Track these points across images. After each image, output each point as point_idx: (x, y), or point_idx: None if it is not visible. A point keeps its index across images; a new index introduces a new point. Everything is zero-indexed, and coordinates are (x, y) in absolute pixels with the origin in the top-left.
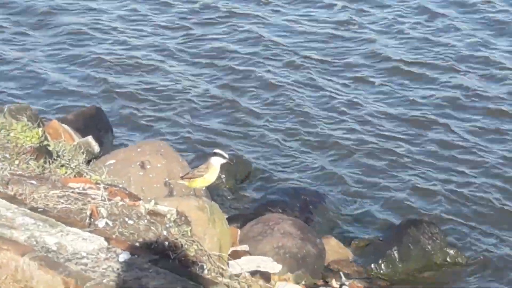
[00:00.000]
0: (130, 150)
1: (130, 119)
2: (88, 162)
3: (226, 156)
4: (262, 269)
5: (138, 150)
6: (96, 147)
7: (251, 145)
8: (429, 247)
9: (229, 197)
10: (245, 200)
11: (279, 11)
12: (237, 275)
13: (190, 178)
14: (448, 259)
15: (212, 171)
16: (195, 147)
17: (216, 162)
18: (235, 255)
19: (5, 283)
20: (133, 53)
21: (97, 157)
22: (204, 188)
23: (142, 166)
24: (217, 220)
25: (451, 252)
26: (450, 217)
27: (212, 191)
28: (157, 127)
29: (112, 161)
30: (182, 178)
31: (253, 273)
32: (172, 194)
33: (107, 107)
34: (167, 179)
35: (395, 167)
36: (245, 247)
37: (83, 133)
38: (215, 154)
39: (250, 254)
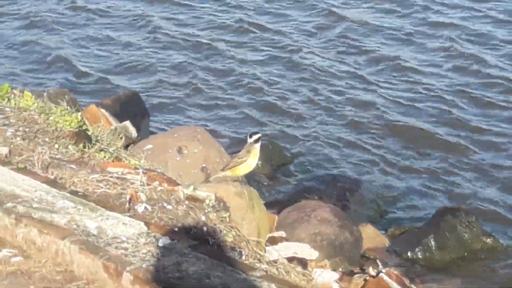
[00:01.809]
0: (167, 135)
1: (167, 105)
2: (126, 146)
3: (262, 137)
4: (299, 256)
5: (175, 135)
6: (133, 132)
7: (287, 132)
8: (466, 235)
9: (265, 184)
10: (281, 186)
11: None
12: (275, 261)
13: (233, 167)
14: (485, 248)
15: (253, 154)
16: (231, 133)
17: (256, 145)
18: (272, 241)
19: (45, 266)
20: (171, 39)
21: (134, 142)
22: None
23: (179, 151)
24: (255, 205)
25: (488, 240)
26: (488, 205)
27: (249, 178)
28: (193, 113)
29: (149, 146)
30: (223, 169)
31: (290, 259)
32: (209, 180)
33: (144, 92)
34: (204, 165)
35: (432, 155)
36: (282, 233)
37: (120, 117)
38: (252, 136)
39: (287, 241)
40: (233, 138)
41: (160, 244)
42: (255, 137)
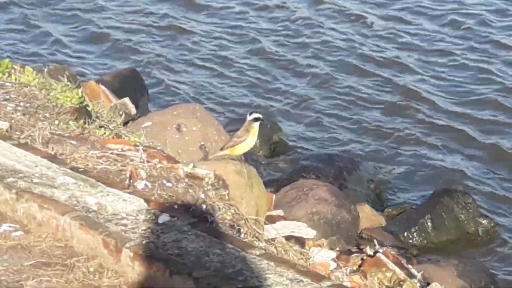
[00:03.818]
0: (166, 113)
1: (166, 82)
2: (125, 123)
3: (261, 116)
4: (296, 234)
5: (174, 113)
6: (133, 109)
7: (285, 111)
8: (462, 216)
9: (263, 162)
10: (279, 165)
11: None
12: (273, 240)
13: (232, 146)
14: (481, 229)
15: (252, 134)
16: (229, 111)
17: (255, 124)
18: (270, 219)
19: (46, 241)
20: (169, 18)
21: (133, 118)
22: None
23: (178, 129)
24: (254, 184)
25: (484, 222)
26: (484, 187)
27: (247, 156)
28: (192, 91)
29: (148, 123)
30: (222, 149)
31: (288, 238)
32: (207, 158)
33: (143, 69)
34: (202, 143)
35: (429, 135)
36: (279, 212)
37: (119, 94)
38: (252, 115)
39: (285, 219)
40: (231, 116)
41: (160, 221)
42: (254, 115)
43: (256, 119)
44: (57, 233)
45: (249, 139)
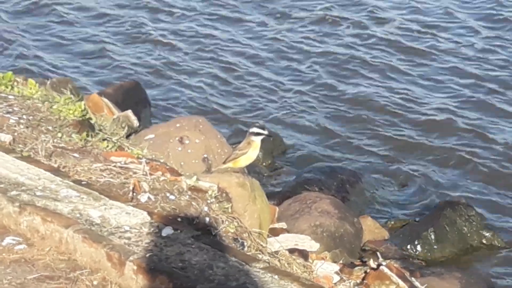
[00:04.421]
0: (169, 125)
1: (168, 94)
2: (127, 136)
3: (265, 130)
4: (300, 247)
5: (177, 125)
6: (135, 121)
7: (288, 123)
8: (465, 229)
9: (265, 174)
10: (281, 177)
11: None
12: (277, 252)
13: (234, 159)
14: (484, 242)
15: (254, 147)
16: (232, 123)
17: (256, 138)
18: (273, 232)
19: (49, 254)
20: (172, 30)
21: (136, 131)
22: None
23: (181, 141)
24: (257, 197)
25: (488, 234)
26: (488, 199)
27: (249, 169)
28: (194, 103)
29: (151, 136)
30: (225, 162)
31: (291, 251)
32: (210, 170)
33: (145, 82)
34: (205, 155)
35: (432, 148)
36: (282, 225)
37: (121, 106)
38: (254, 129)
39: (288, 232)
40: (234, 128)
41: (163, 234)
42: (254, 129)
43: (257, 133)
44: (61, 246)
45: (250, 151)
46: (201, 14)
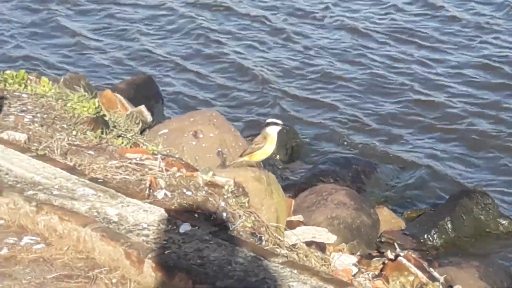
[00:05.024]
0: (182, 119)
1: (181, 89)
2: (141, 131)
3: (280, 122)
4: (317, 240)
5: (191, 119)
6: (148, 117)
7: (301, 115)
8: (482, 217)
9: (280, 167)
10: (296, 170)
11: None
12: (294, 246)
13: (250, 153)
14: (501, 230)
15: (270, 141)
16: (245, 116)
17: (272, 131)
18: (290, 225)
19: (67, 253)
20: (183, 23)
21: (149, 126)
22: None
23: (195, 135)
24: (274, 190)
25: (505, 222)
26: (504, 187)
27: (264, 161)
28: (207, 97)
29: (165, 131)
30: (241, 156)
31: (309, 244)
32: (225, 164)
33: (157, 77)
34: (219, 149)
35: (448, 137)
36: (299, 218)
37: (134, 102)
38: (269, 123)
39: (305, 224)
40: (248, 121)
41: (181, 231)
42: (270, 123)
43: (272, 126)
44: (79, 245)
45: (266, 146)
46: (214, 6)
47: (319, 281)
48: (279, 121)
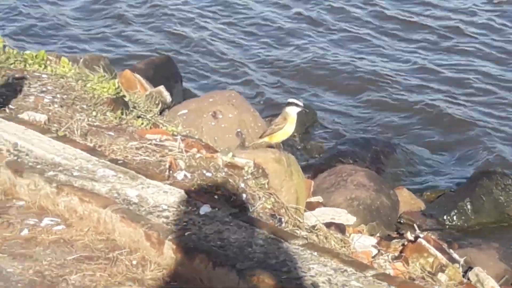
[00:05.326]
0: (202, 100)
1: (199, 69)
2: (161, 112)
3: (301, 103)
4: (336, 221)
5: (210, 100)
6: (168, 97)
7: (320, 95)
8: (502, 198)
9: (299, 147)
10: (315, 150)
11: None
12: (313, 227)
13: (270, 134)
14: None
15: (290, 121)
16: (264, 96)
17: (292, 112)
18: (309, 206)
19: (88, 235)
20: (203, 5)
21: (169, 107)
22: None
23: (214, 116)
24: (294, 171)
25: None
26: None
27: (283, 142)
28: (226, 77)
29: (184, 111)
30: (261, 137)
31: (328, 225)
32: (244, 145)
33: (177, 57)
34: (239, 129)
35: (467, 118)
36: (318, 199)
37: (153, 82)
38: (290, 103)
39: (324, 206)
40: (266, 101)
41: (201, 212)
42: (292, 105)
43: (292, 107)
44: (99, 226)
45: (287, 126)
46: None
47: (339, 263)
48: (300, 102)
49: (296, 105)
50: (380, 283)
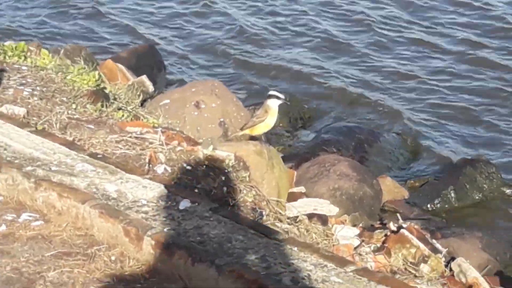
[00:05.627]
0: (184, 89)
1: (183, 57)
2: (143, 102)
3: (282, 96)
4: (319, 212)
5: (193, 89)
6: (150, 87)
7: (304, 85)
8: (485, 186)
9: (283, 136)
10: (299, 139)
11: None
12: (295, 219)
13: (251, 127)
14: (505, 199)
15: (271, 114)
16: (247, 86)
17: (273, 104)
18: (292, 196)
19: (66, 230)
20: None
21: (151, 96)
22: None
23: (197, 106)
24: (275, 164)
25: (508, 191)
26: (508, 156)
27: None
28: (209, 66)
29: (166, 101)
30: (242, 129)
31: (310, 216)
32: (227, 135)
33: (160, 45)
34: (222, 119)
35: (452, 105)
36: (301, 189)
37: (136, 71)
38: (271, 96)
39: (307, 196)
40: (249, 91)
41: (181, 207)
42: (273, 98)
43: (274, 99)
44: (77, 221)
45: (268, 119)
46: None
47: (319, 258)
48: (281, 95)
49: (277, 97)
50: (360, 278)
